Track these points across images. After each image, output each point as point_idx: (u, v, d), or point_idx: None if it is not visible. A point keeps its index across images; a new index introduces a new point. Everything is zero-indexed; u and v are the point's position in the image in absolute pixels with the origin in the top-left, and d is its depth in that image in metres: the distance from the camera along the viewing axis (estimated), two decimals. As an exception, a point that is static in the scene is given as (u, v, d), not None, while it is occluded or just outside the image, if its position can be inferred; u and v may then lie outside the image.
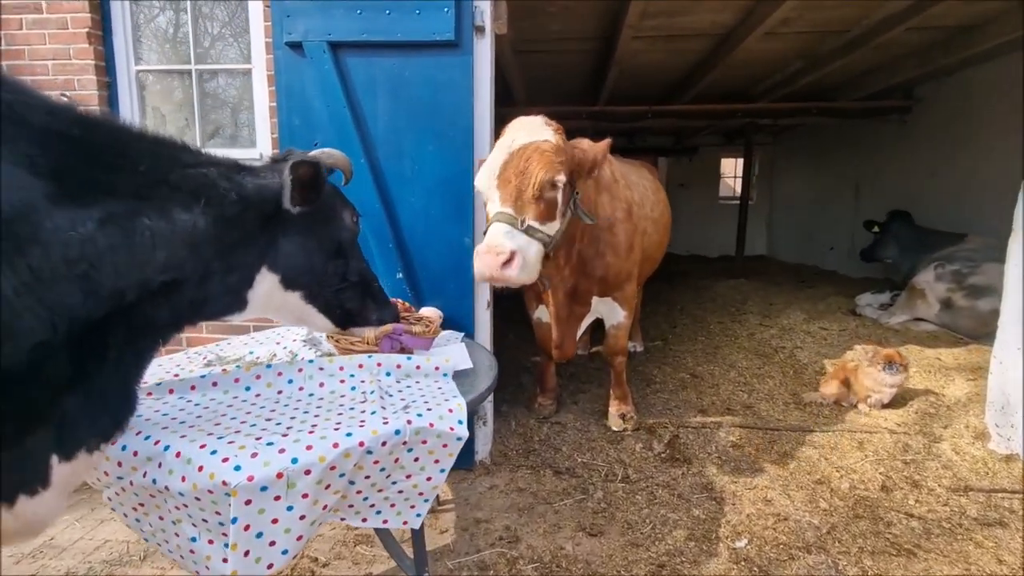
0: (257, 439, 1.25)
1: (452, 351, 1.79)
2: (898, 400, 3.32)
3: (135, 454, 1.23)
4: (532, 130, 2.15)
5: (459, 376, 1.74)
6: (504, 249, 1.90)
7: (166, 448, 1.23)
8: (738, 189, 11.55)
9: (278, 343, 1.94)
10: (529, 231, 2.01)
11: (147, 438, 1.25)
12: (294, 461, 1.18)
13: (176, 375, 1.64)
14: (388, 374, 1.66)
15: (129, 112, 2.86)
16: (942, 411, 3.19)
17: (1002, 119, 5.33)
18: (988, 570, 2.03)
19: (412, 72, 2.51)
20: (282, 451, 1.21)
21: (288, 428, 1.33)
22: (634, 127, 7.40)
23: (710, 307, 6.07)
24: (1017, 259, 2.64)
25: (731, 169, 11.70)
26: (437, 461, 1.50)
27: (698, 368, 4.12)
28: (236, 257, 1.24)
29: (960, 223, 5.54)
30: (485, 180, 2.11)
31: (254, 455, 1.19)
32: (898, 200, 6.55)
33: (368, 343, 1.64)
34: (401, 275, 2.63)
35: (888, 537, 2.24)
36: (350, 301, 1.55)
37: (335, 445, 1.25)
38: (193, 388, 1.51)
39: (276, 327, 2.26)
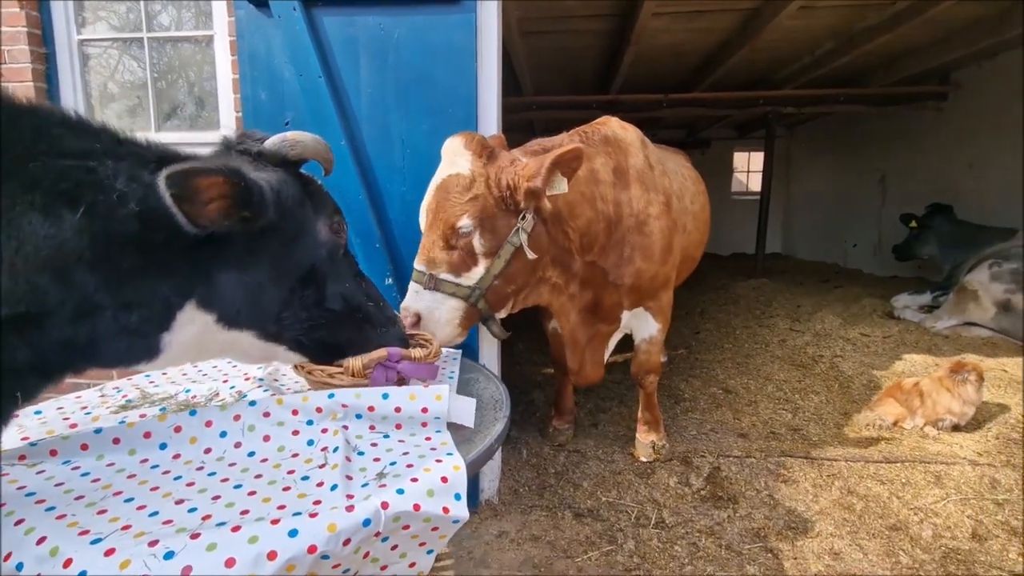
0: (152, 544, 0.82)
1: (448, 393, 1.33)
2: (971, 422, 2.86)
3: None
4: (451, 158, 1.79)
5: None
6: (408, 311, 1.74)
7: (19, 567, 0.80)
8: (750, 184, 11.09)
9: (225, 380, 1.50)
10: (441, 286, 1.75)
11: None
12: (205, 587, 0.75)
13: (74, 425, 1.21)
14: (358, 417, 1.21)
15: (71, 89, 2.43)
16: (1027, 436, 2.73)
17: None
18: None
19: (403, 34, 2.07)
20: (187, 570, 0.78)
21: (205, 518, 0.90)
22: (646, 118, 6.92)
23: (733, 310, 5.61)
24: None
25: (743, 163, 11.22)
26: (423, 544, 1.07)
27: (730, 382, 3.66)
28: (136, 289, 0.89)
29: (1005, 218, 5.07)
30: (420, 223, 1.89)
31: (142, 580, 0.76)
32: (931, 194, 6.07)
33: (354, 374, 1.20)
34: (391, 280, 2.20)
35: (996, 606, 1.79)
36: (332, 335, 1.18)
37: (271, 555, 0.81)
38: (85, 447, 1.08)
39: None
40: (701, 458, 2.65)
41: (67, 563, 0.79)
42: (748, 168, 11.17)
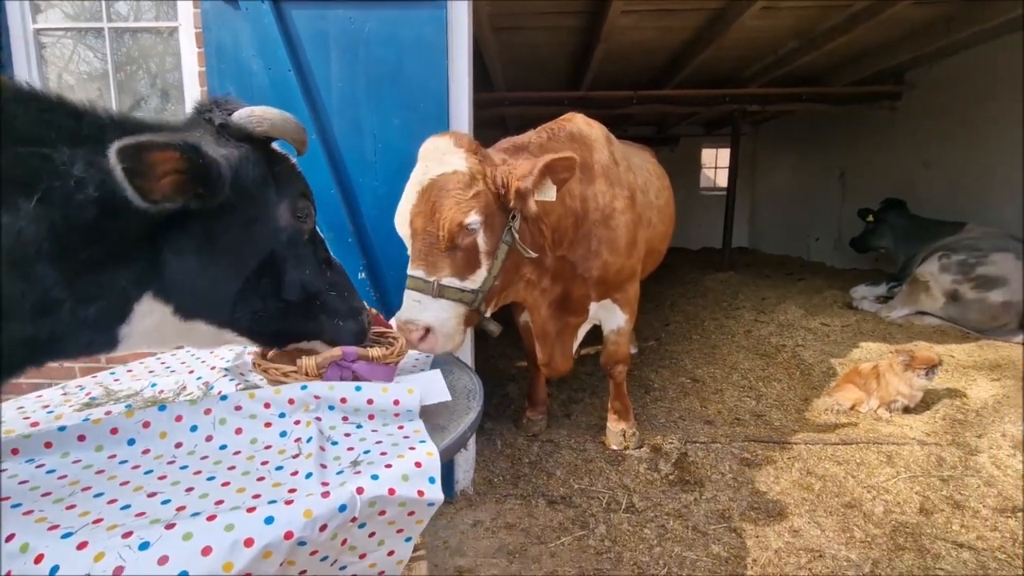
0: (126, 535, 0.82)
1: (422, 378, 1.36)
2: (921, 404, 3.03)
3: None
4: (440, 157, 1.71)
5: (430, 407, 1.32)
6: (417, 326, 1.61)
7: None
8: (718, 180, 11.35)
9: (191, 371, 1.49)
10: (446, 293, 1.66)
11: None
12: (182, 576, 0.76)
13: (35, 423, 1.19)
14: (331, 408, 1.23)
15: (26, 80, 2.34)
16: (971, 417, 2.90)
17: (998, 104, 5.14)
18: (1065, 616, 1.73)
19: (373, 28, 2.07)
20: (163, 560, 0.78)
21: (179, 510, 0.90)
22: (616, 114, 7.02)
23: (701, 302, 5.76)
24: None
25: (712, 160, 11.48)
26: (401, 531, 1.09)
27: (698, 371, 3.77)
28: (95, 281, 0.86)
29: (954, 212, 5.34)
30: (400, 228, 1.76)
31: (118, 571, 0.76)
32: (887, 189, 6.35)
33: (307, 373, 1.21)
34: (363, 275, 2.20)
35: (939, 574, 1.92)
36: (286, 325, 1.15)
37: (248, 543, 0.82)
38: (49, 446, 1.06)
39: (192, 347, 1.78)
40: (670, 445, 2.74)
41: (38, 559, 0.78)
42: (716, 164, 11.42)
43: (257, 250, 1.03)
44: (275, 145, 1.09)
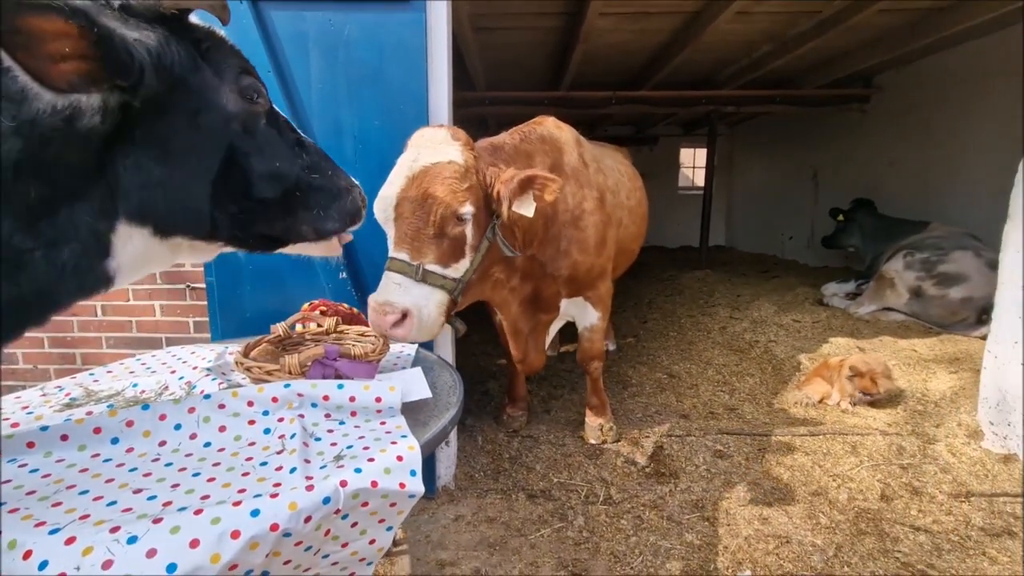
0: (114, 530, 0.84)
1: (402, 378, 1.40)
2: (881, 398, 3.16)
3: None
4: (435, 146, 1.72)
5: (412, 403, 1.36)
6: (394, 308, 1.55)
7: None
8: (696, 179, 11.55)
9: (173, 371, 1.50)
10: (429, 279, 1.63)
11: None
12: (170, 569, 0.79)
13: (16, 424, 1.20)
14: (314, 405, 1.26)
15: None
16: (931, 408, 3.05)
17: (959, 107, 5.36)
18: (1010, 591, 1.85)
19: (353, 31, 2.08)
20: (151, 553, 0.80)
21: (165, 505, 0.93)
22: (596, 114, 7.12)
23: (678, 300, 5.88)
24: (1017, 247, 2.47)
25: (690, 159, 11.67)
26: (383, 521, 1.12)
27: (674, 367, 3.87)
28: (54, 223, 0.78)
29: (920, 212, 5.55)
30: (381, 212, 1.70)
31: (106, 565, 0.78)
32: (857, 189, 6.57)
33: (291, 372, 1.24)
34: (344, 274, 2.22)
35: (898, 556, 2.03)
36: (269, 225, 1.04)
37: (235, 535, 0.85)
38: (31, 446, 1.07)
39: (172, 348, 1.79)
40: (646, 439, 2.82)
41: (27, 555, 0.79)
42: (694, 164, 11.62)
43: (212, 146, 0.92)
44: (194, 18, 0.91)
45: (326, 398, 1.25)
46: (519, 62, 5.91)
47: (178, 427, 1.17)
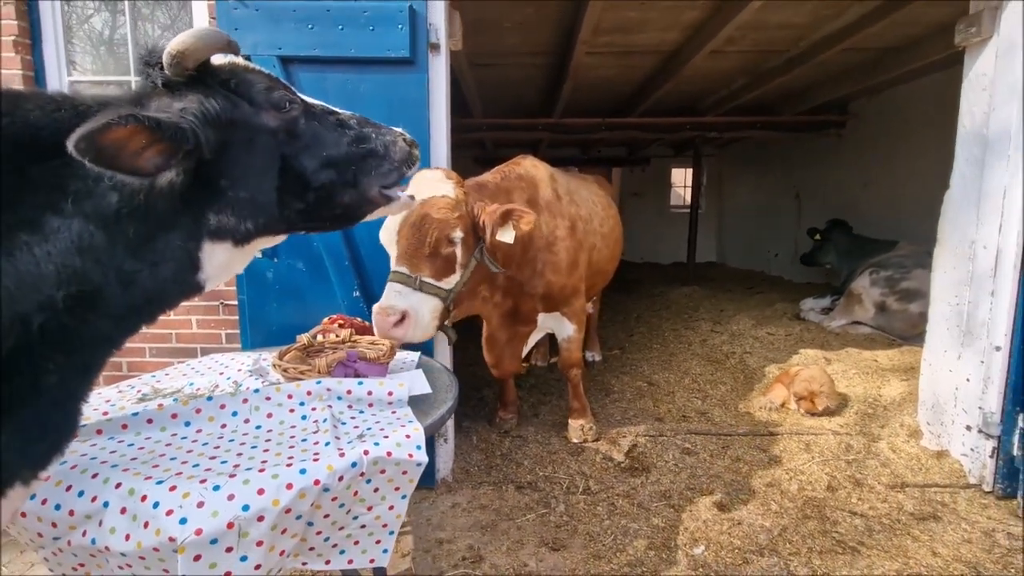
0: (202, 482, 1.18)
1: (408, 377, 1.75)
2: (840, 403, 3.50)
3: (71, 513, 1.13)
4: (431, 185, 2.15)
5: (416, 397, 1.70)
6: (395, 310, 1.92)
7: (105, 504, 1.13)
8: (688, 198, 11.98)
9: (221, 373, 1.85)
10: (424, 288, 2.02)
11: (81, 494, 1.14)
12: (245, 508, 1.12)
13: (105, 413, 1.54)
14: (339, 398, 1.61)
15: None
16: (879, 411, 3.38)
17: (926, 134, 5.75)
18: (924, 563, 2.16)
19: (367, 88, 2.47)
20: (231, 497, 1.13)
21: (235, 467, 1.27)
22: (588, 139, 7.56)
23: (665, 314, 6.23)
24: (944, 268, 2.83)
25: (681, 179, 12.10)
26: (398, 488, 1.46)
27: (654, 376, 4.21)
28: (154, 250, 0.96)
29: (892, 231, 5.92)
30: (385, 236, 2.12)
31: (200, 504, 1.11)
32: (836, 209, 6.94)
33: (319, 371, 1.59)
34: (358, 293, 2.57)
35: (835, 536, 2.34)
36: (334, 204, 1.16)
37: (289, 486, 1.18)
38: (125, 427, 1.42)
39: (213, 355, 2.15)
40: (623, 438, 3.15)
41: (143, 498, 1.13)
42: (685, 183, 12.03)
43: (268, 162, 1.05)
44: (216, 59, 1.02)
45: (349, 392, 1.60)
46: (514, 92, 6.33)
47: (235, 414, 1.51)
